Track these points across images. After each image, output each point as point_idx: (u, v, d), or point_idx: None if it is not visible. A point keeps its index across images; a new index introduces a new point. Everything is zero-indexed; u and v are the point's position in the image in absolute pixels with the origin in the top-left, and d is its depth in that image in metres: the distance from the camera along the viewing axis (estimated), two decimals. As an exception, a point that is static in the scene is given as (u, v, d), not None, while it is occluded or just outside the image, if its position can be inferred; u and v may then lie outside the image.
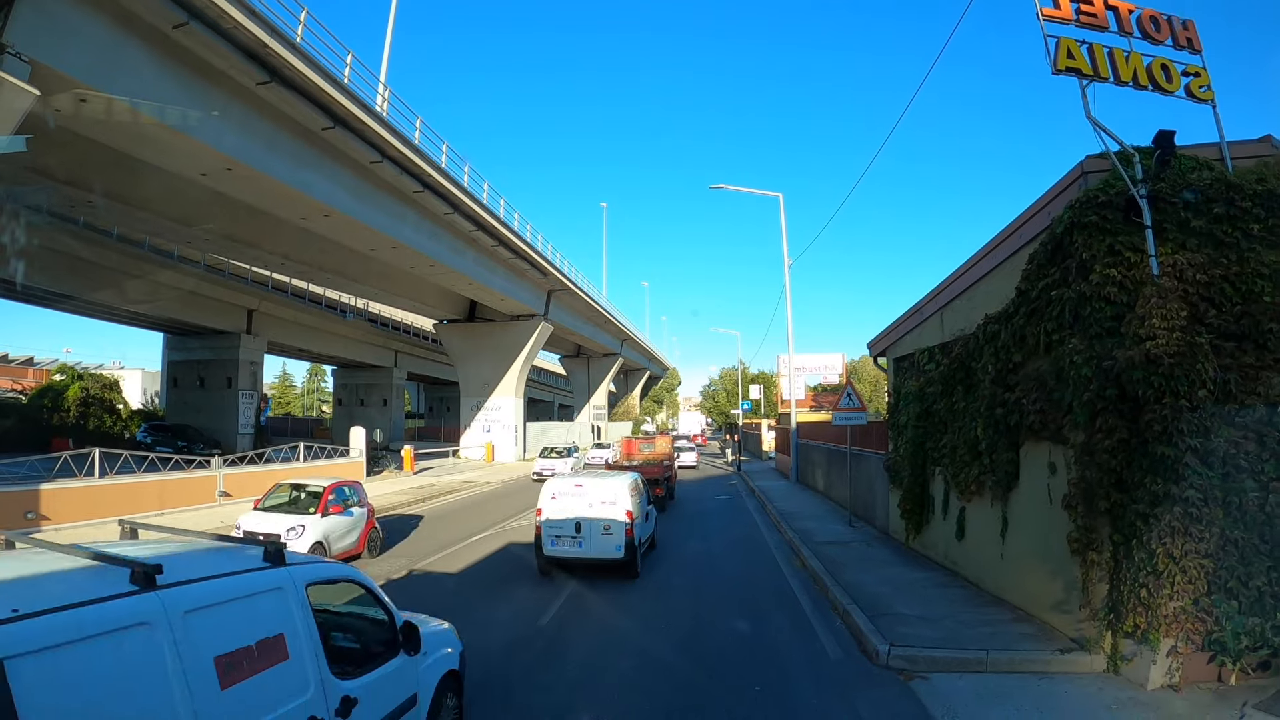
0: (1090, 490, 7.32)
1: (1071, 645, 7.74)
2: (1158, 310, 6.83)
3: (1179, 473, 6.65)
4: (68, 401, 37.83)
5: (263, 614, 3.80)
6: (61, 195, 20.66)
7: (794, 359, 33.35)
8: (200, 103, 16.02)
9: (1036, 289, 8.45)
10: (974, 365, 10.20)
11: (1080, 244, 7.66)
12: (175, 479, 18.88)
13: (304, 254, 27.72)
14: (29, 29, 12.20)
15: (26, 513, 14.79)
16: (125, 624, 3.05)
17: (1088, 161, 8.06)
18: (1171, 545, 6.70)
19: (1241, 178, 7.84)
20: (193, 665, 3.25)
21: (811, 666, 7.83)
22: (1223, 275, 7.35)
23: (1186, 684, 6.93)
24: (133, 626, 3.07)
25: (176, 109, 15.46)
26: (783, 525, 17.58)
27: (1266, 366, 7.17)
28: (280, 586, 3.97)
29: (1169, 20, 8.40)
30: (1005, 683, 7.19)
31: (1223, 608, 6.85)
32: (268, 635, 3.76)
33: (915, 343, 13.73)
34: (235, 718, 3.43)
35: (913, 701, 6.81)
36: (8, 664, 2.56)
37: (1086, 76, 7.65)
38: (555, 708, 6.66)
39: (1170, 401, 6.64)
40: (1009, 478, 9.36)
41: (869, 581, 10.98)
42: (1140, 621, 6.97)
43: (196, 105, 15.92)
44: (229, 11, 14.51)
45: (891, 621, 8.79)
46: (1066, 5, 7.84)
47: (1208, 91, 8.25)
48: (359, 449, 27.34)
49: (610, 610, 10.23)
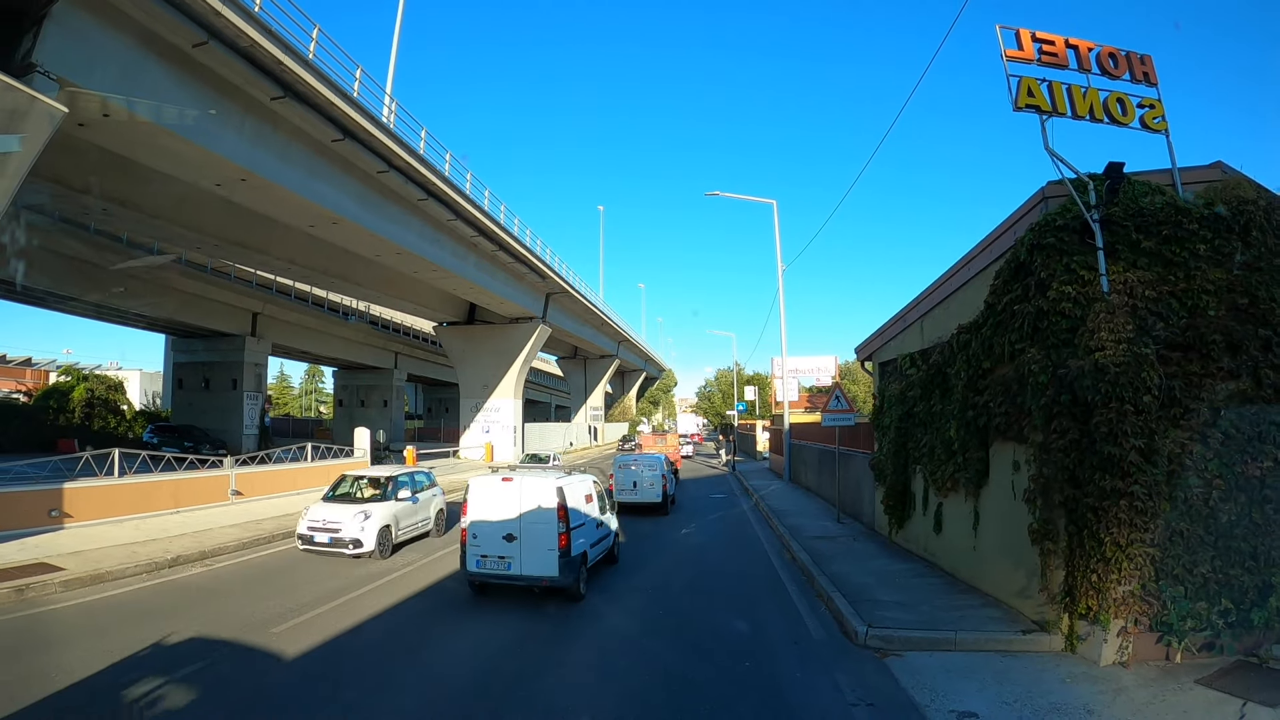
0: (1048, 486, 8.10)
1: (1033, 627, 8.52)
2: (1106, 324, 7.61)
3: (1125, 470, 7.42)
4: (73, 403, 38.30)
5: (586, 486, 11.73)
6: (76, 203, 21.17)
7: (787, 361, 34.12)
8: (217, 117, 16.69)
9: (1002, 303, 9.24)
10: (949, 371, 10.99)
11: (1040, 263, 8.45)
12: (189, 478, 19.40)
13: (310, 259, 28.35)
14: (56, 48, 12.76)
15: (50, 510, 15.32)
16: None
17: (1048, 188, 8.84)
18: (1118, 535, 7.47)
19: (1191, 202, 8.61)
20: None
21: (796, 646, 8.61)
22: (1170, 291, 8.13)
23: (1136, 661, 7.68)
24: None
25: (195, 123, 16.10)
26: (774, 521, 18.34)
27: (1210, 375, 7.93)
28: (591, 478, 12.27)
29: (1127, 56, 9.17)
30: (971, 660, 7.97)
31: (1169, 593, 7.61)
32: (589, 492, 11.73)
33: (898, 348, 14.51)
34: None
35: (886, 676, 7.57)
36: None
37: (1045, 112, 8.43)
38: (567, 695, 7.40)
39: (1116, 406, 7.42)
40: (980, 475, 10.15)
41: (853, 572, 11.75)
42: (1092, 604, 7.73)
43: (213, 120, 16.59)
44: (246, 31, 15.15)
45: (871, 607, 9.56)
46: (1029, 46, 8.61)
47: (1161, 122, 9.02)
48: (364, 449, 27.89)
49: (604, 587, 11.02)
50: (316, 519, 13.48)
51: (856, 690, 7.17)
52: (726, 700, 6.95)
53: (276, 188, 19.35)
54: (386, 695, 6.93)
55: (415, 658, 8.16)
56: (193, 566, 12.71)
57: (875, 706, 6.79)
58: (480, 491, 10.37)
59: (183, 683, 7.11)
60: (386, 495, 14.42)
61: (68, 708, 6.46)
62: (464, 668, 7.93)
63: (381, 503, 14.07)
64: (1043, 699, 6.88)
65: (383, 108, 21.36)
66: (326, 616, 9.53)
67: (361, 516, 13.29)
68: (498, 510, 10.14)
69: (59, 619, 9.38)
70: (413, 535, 15.08)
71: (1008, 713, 6.62)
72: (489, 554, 10.06)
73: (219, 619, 9.31)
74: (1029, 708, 6.70)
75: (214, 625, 9.01)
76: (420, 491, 15.56)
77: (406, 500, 14.63)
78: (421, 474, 16.34)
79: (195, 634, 8.63)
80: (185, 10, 14.26)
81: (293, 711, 6.73)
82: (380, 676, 7.41)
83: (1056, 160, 8.23)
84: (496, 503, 10.21)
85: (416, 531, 15.17)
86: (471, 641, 8.99)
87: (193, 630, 8.75)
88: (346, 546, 13.03)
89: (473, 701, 6.97)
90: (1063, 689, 7.14)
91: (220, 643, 8.37)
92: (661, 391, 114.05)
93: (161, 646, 8.16)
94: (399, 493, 14.54)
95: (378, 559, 13.28)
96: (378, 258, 27.86)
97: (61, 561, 11.90)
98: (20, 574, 10.97)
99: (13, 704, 6.39)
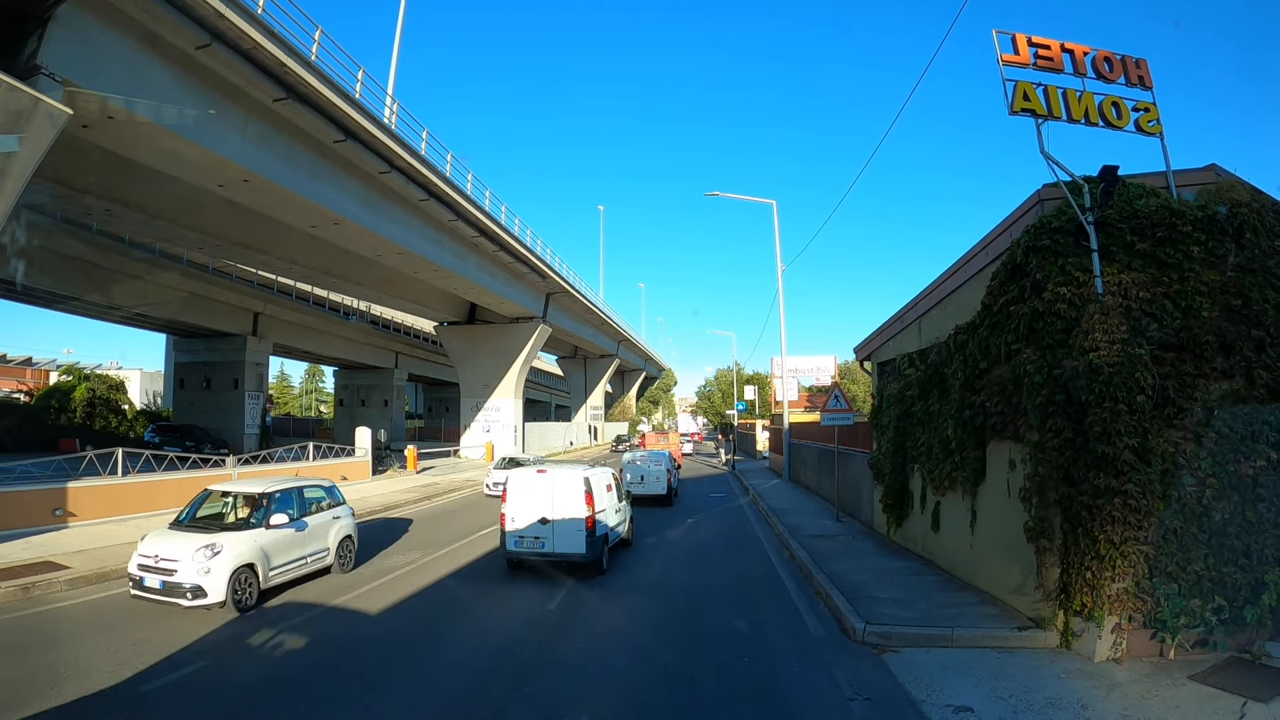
0: (1043, 484, 8.22)
1: (1029, 623, 8.63)
2: (1100, 325, 7.72)
3: (1118, 469, 7.53)
4: (74, 402, 38.50)
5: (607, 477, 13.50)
6: (78, 203, 21.32)
7: (787, 361, 34.24)
8: (220, 119, 16.81)
9: (998, 304, 9.36)
10: (946, 371, 11.11)
11: (1035, 265, 8.57)
12: (192, 478, 19.55)
13: (312, 259, 28.48)
14: (60, 51, 12.86)
15: (55, 509, 15.48)
16: None
17: (1044, 190, 8.95)
18: (1112, 532, 7.58)
19: (1184, 204, 8.72)
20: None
21: (795, 642, 8.73)
22: (1164, 293, 8.24)
23: (1130, 657, 7.78)
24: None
25: (197, 125, 16.22)
26: (774, 520, 18.45)
27: (1204, 375, 8.03)
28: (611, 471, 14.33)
29: (1122, 60, 9.27)
30: (968, 656, 8.07)
31: (1163, 590, 7.71)
32: (609, 483, 13.61)
33: (897, 348, 14.63)
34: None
35: (883, 671, 7.68)
36: None
37: (1041, 116, 8.54)
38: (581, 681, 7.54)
39: (1110, 406, 7.52)
40: (977, 474, 10.27)
41: (851, 570, 11.87)
42: (1087, 601, 7.84)
43: (216, 121, 16.72)
44: (249, 33, 15.27)
45: (868, 604, 9.67)
46: (1025, 50, 8.72)
47: (1156, 125, 9.11)
48: (365, 448, 28.11)
49: (608, 592, 11.11)
50: (149, 554, 9.64)
51: (854, 685, 7.29)
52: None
53: (279, 189, 19.47)
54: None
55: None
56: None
57: (872, 701, 6.90)
58: (519, 482, 12.05)
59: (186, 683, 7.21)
60: (253, 521, 10.57)
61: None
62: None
63: (241, 531, 10.24)
64: (1037, 694, 6.98)
65: (384, 109, 21.49)
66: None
67: (206, 553, 9.44)
68: (533, 497, 11.83)
69: (65, 616, 9.49)
70: (298, 575, 11.12)
71: (1003, 707, 6.72)
72: (525, 535, 11.79)
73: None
74: (1024, 702, 6.80)
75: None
76: (311, 514, 11.55)
77: (283, 527, 10.71)
78: (317, 488, 12.37)
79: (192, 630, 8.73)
80: (189, 13, 14.37)
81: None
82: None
83: (1051, 163, 8.34)
84: (532, 491, 11.89)
85: (303, 569, 11.24)
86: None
87: (190, 627, 8.86)
88: (184, 595, 9.23)
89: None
90: (1057, 684, 7.25)
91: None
92: (661, 391, 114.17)
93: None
94: (272, 516, 10.60)
95: (230, 611, 9.49)
96: (379, 258, 27.98)
97: (66, 560, 12.05)
98: (26, 572, 11.12)
99: (23, 702, 6.49)
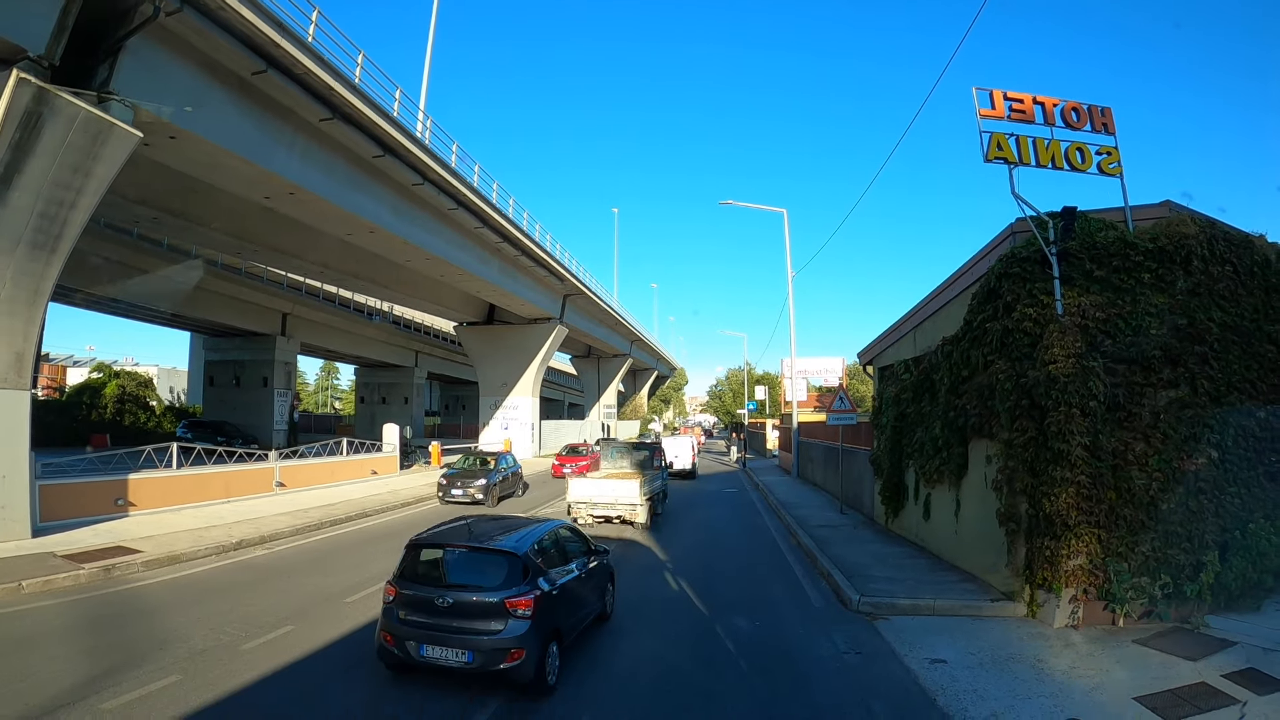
0: (1012, 476, 9.62)
1: (1001, 596, 10.00)
2: (1058, 341, 9.09)
3: (1072, 463, 8.89)
4: (105, 399, 39.86)
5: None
6: (128, 212, 22.79)
7: (796, 363, 35.58)
8: (271, 137, 18.27)
9: (977, 320, 10.76)
10: (935, 377, 12.50)
11: (1007, 289, 9.95)
12: (238, 471, 21.06)
13: (342, 263, 29.93)
14: (130, 78, 14.15)
15: (116, 499, 16.84)
16: None
17: (1017, 224, 10.32)
18: (1067, 516, 8.93)
19: (1138, 237, 10.04)
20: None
21: (799, 611, 10.17)
22: (1118, 314, 9.57)
23: (1085, 625, 9.13)
24: None
25: (250, 143, 17.67)
26: (782, 512, 19.87)
27: (1152, 384, 9.35)
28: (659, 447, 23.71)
29: (1089, 109, 10.60)
30: (946, 622, 9.47)
31: (1114, 567, 9.04)
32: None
33: (895, 355, 16.00)
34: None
35: (874, 633, 9.10)
36: None
37: (1012, 163, 9.89)
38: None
39: (1065, 410, 8.89)
40: (960, 468, 11.66)
41: (851, 554, 13.27)
42: (1047, 575, 9.20)
43: (267, 139, 18.17)
44: (301, 60, 16.69)
45: (864, 581, 11.09)
46: (1000, 105, 10.07)
47: (1116, 167, 10.43)
48: (393, 444, 29.59)
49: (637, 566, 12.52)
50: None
51: (848, 643, 8.70)
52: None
53: (321, 200, 20.92)
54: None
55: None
56: (255, 549, 13.79)
57: (863, 655, 8.31)
58: (667, 444, 21.09)
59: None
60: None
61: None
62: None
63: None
64: (1002, 650, 8.36)
65: (417, 124, 22.94)
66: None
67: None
68: (675, 450, 21.76)
69: (150, 593, 10.30)
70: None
71: (972, 660, 8.09)
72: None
73: (295, 592, 10.52)
74: (990, 657, 8.17)
75: (291, 597, 10.17)
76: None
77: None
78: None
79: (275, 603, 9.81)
80: (247, 42, 15.73)
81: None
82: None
83: (1021, 202, 9.70)
84: (674, 447, 22.06)
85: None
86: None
87: (272, 600, 9.96)
88: None
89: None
90: (1020, 644, 8.61)
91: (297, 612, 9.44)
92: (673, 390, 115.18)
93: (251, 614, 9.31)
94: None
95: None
96: (407, 263, 29.47)
97: (137, 545, 12.88)
98: (103, 555, 11.93)
99: (140, 658, 7.50)
